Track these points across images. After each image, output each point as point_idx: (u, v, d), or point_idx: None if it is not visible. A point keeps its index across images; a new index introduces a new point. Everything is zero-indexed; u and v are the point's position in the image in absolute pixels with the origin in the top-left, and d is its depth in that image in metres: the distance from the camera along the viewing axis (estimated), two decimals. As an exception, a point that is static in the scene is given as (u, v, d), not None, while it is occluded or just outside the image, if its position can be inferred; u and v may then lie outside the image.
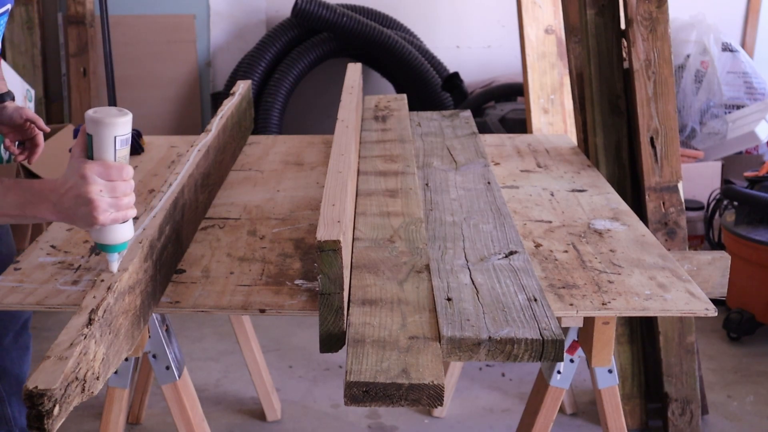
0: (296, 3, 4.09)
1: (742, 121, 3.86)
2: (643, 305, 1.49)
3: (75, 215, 1.19)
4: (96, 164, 1.18)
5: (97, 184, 1.18)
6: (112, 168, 1.19)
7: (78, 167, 1.18)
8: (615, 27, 2.43)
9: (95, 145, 1.19)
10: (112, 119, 1.17)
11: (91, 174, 1.17)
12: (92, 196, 1.17)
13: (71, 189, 1.18)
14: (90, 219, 1.19)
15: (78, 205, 1.18)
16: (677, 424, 2.48)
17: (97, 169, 1.18)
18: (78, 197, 1.18)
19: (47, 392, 1.03)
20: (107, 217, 1.20)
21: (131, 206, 1.23)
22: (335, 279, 1.33)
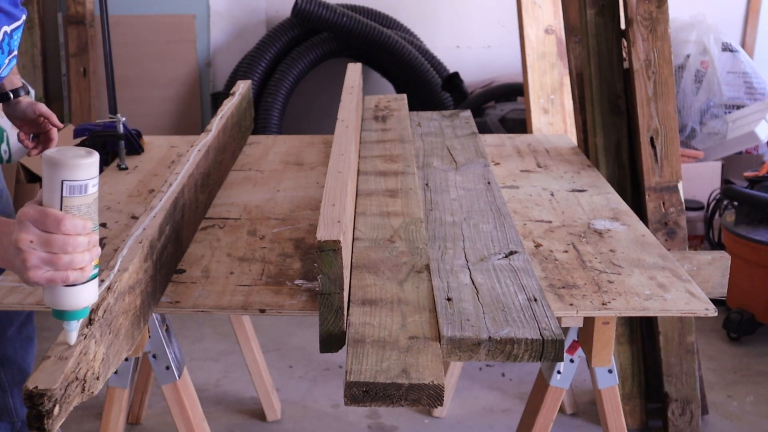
0: (296, 3, 4.09)
1: (742, 121, 3.86)
2: (643, 305, 1.49)
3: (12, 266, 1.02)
4: (32, 209, 0.99)
5: (29, 233, 0.99)
6: (49, 217, 0.98)
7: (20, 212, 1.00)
8: (615, 27, 2.43)
9: (44, 186, 1.00)
10: (62, 160, 0.97)
11: (25, 220, 0.99)
12: (21, 245, 0.99)
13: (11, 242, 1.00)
14: (22, 274, 1.00)
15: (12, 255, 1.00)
16: (677, 424, 2.48)
17: (32, 214, 0.98)
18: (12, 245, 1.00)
19: (47, 392, 1.03)
20: (38, 275, 0.99)
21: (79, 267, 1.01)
22: (335, 279, 1.33)
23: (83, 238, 1.00)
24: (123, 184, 2.14)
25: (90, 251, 1.02)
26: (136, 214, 1.92)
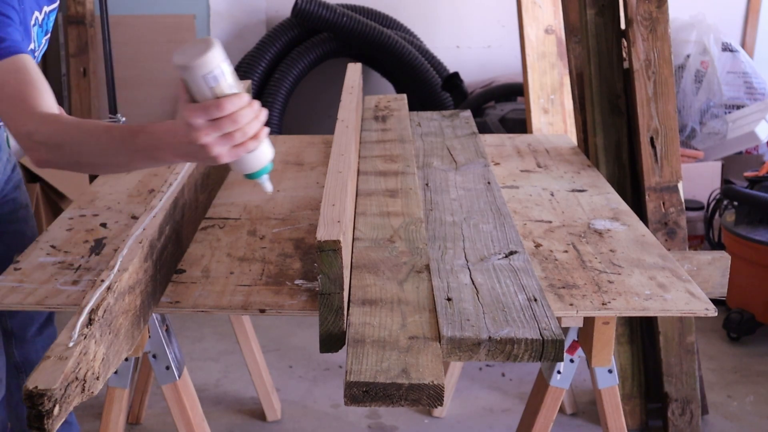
0: (296, 3, 4.08)
1: (742, 121, 3.86)
2: (643, 305, 1.49)
3: (197, 158, 1.20)
4: (195, 108, 1.14)
5: (201, 128, 1.14)
6: (210, 108, 1.14)
7: (181, 114, 1.16)
8: (615, 27, 2.43)
9: (190, 88, 1.16)
10: (193, 61, 1.12)
11: (193, 120, 1.14)
12: (201, 141, 1.15)
13: (183, 136, 1.16)
14: (211, 161, 1.17)
15: (195, 150, 1.17)
16: (677, 424, 2.48)
17: (196, 113, 1.14)
18: (190, 144, 1.16)
19: (47, 392, 1.03)
20: (226, 155, 1.17)
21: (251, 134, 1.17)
22: (335, 279, 1.33)
23: (246, 109, 1.15)
24: (123, 184, 2.14)
25: (258, 117, 1.17)
26: (136, 214, 1.92)
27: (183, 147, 1.18)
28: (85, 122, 1.31)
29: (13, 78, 1.35)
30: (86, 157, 1.28)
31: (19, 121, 1.32)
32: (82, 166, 1.32)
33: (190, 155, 1.19)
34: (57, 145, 1.29)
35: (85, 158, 1.28)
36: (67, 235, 1.80)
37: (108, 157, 1.27)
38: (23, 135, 1.31)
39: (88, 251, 1.71)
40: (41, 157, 1.31)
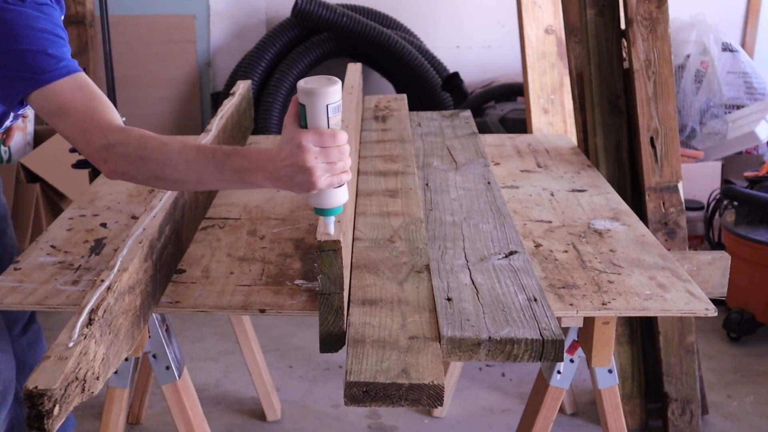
0: (296, 3, 4.08)
1: (742, 121, 3.86)
2: (643, 305, 1.49)
3: (292, 182, 1.24)
4: (310, 133, 1.21)
5: (312, 152, 1.21)
6: (325, 135, 1.22)
7: (293, 136, 1.22)
8: (615, 27, 2.43)
9: (308, 114, 1.22)
10: (323, 89, 1.21)
11: (307, 143, 1.21)
12: (309, 164, 1.21)
13: (287, 158, 1.22)
14: (308, 185, 1.23)
15: (295, 172, 1.23)
16: (677, 424, 2.48)
17: (311, 137, 1.21)
18: (294, 165, 1.22)
19: (47, 392, 1.03)
20: (323, 182, 1.24)
21: (346, 170, 1.26)
22: (335, 279, 1.33)
23: (347, 145, 1.25)
24: (123, 184, 2.14)
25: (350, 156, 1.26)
26: (136, 214, 1.92)
27: (284, 170, 1.24)
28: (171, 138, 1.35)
29: (79, 95, 1.40)
30: (170, 172, 1.32)
31: (94, 136, 1.36)
32: (160, 180, 1.35)
33: (285, 178, 1.24)
34: (141, 158, 1.32)
35: (168, 173, 1.32)
36: (67, 235, 1.80)
37: (193, 174, 1.31)
38: (99, 148, 1.35)
39: (88, 251, 1.71)
40: (118, 169, 1.35)
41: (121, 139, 1.34)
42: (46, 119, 1.43)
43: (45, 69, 1.40)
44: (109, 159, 1.35)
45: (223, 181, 1.30)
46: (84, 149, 1.39)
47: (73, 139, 1.40)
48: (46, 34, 1.45)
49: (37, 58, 1.41)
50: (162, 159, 1.32)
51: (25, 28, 1.43)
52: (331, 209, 1.30)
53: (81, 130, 1.38)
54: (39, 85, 1.40)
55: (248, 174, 1.27)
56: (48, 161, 3.47)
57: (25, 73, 1.40)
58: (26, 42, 1.41)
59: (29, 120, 3.70)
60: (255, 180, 1.27)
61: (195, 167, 1.30)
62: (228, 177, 1.29)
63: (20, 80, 1.41)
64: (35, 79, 1.40)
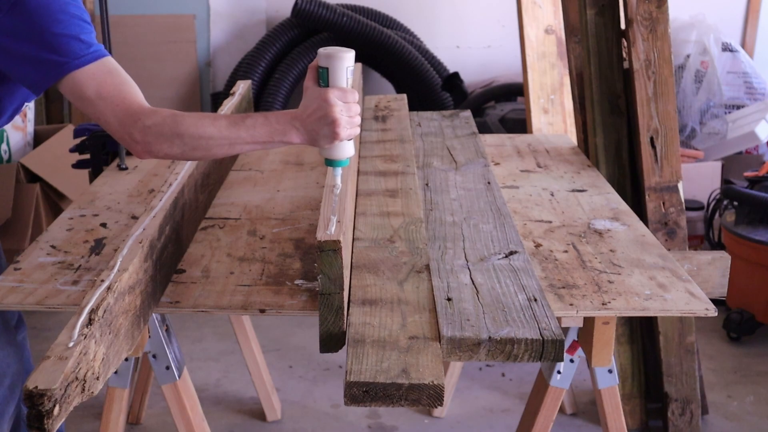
0: (296, 3, 4.09)
1: (742, 121, 3.86)
2: (643, 305, 1.49)
3: (318, 135, 1.40)
4: (336, 90, 1.38)
5: (338, 105, 1.38)
6: (347, 92, 1.39)
7: (319, 94, 1.38)
8: (615, 27, 2.43)
9: (331, 75, 1.39)
10: (344, 54, 1.39)
11: (334, 98, 1.37)
12: (336, 116, 1.37)
13: (315, 112, 1.38)
14: (333, 135, 1.39)
15: (322, 125, 1.39)
16: (677, 424, 2.48)
17: (337, 93, 1.38)
18: (322, 118, 1.38)
19: (47, 392, 1.03)
20: (345, 133, 1.40)
21: (359, 124, 1.42)
22: (335, 279, 1.33)
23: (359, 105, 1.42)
24: (123, 184, 2.14)
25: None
26: (136, 214, 1.92)
27: (312, 123, 1.40)
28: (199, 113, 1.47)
29: (110, 78, 1.47)
30: (204, 143, 1.43)
31: (129, 118, 1.45)
32: (196, 151, 1.45)
33: (312, 132, 1.40)
34: (177, 135, 1.43)
35: (203, 144, 1.43)
36: (67, 235, 1.80)
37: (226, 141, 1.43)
38: (134, 130, 1.44)
39: (88, 251, 1.71)
40: (153, 148, 1.45)
41: (155, 121, 1.43)
42: (78, 103, 1.49)
43: (78, 54, 1.45)
44: (145, 140, 1.44)
45: (254, 143, 1.43)
46: (116, 131, 1.46)
47: (106, 122, 1.46)
48: (77, 20, 1.49)
49: (71, 43, 1.45)
50: (197, 133, 1.42)
51: (59, 13, 1.47)
52: (342, 161, 1.46)
53: (114, 114, 1.45)
54: (72, 69, 1.45)
55: (278, 134, 1.42)
56: (48, 161, 3.47)
57: (59, 57, 1.45)
58: (61, 27, 1.45)
59: (29, 120, 3.70)
60: (284, 138, 1.42)
61: (228, 135, 1.42)
62: (259, 139, 1.42)
63: (55, 64, 1.45)
64: (69, 63, 1.45)
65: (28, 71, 1.48)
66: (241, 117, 1.44)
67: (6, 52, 1.47)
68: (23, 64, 1.47)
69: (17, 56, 1.47)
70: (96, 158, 2.28)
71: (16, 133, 3.59)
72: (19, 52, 1.46)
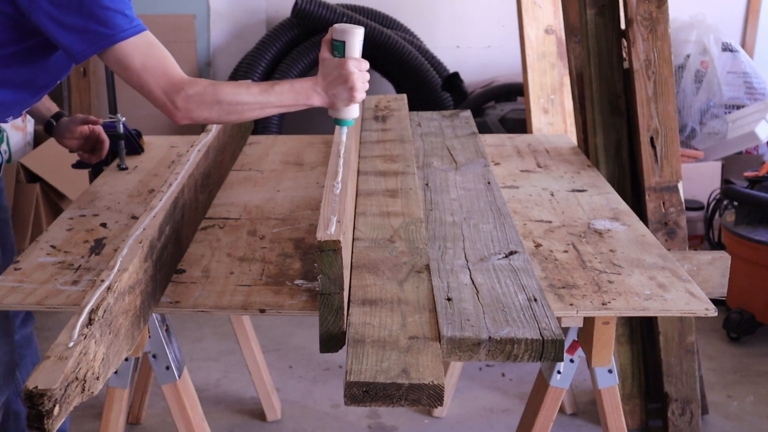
0: (296, 3, 4.08)
1: (742, 121, 3.86)
2: (643, 305, 1.49)
3: (337, 98, 1.63)
4: (352, 60, 1.62)
5: (356, 73, 1.61)
6: (362, 62, 1.63)
7: (339, 63, 1.62)
8: (615, 27, 2.43)
9: (347, 47, 1.63)
10: (357, 30, 1.63)
11: (353, 67, 1.61)
12: (354, 82, 1.61)
13: (336, 79, 1.62)
14: (350, 99, 1.63)
15: (342, 90, 1.62)
16: (677, 424, 2.48)
17: (354, 63, 1.62)
18: (342, 84, 1.61)
19: (47, 392, 1.03)
20: (359, 96, 1.63)
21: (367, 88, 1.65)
22: (335, 279, 1.33)
23: None
24: (123, 184, 2.14)
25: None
26: (136, 214, 1.92)
27: (330, 88, 1.62)
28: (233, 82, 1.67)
29: (152, 51, 1.63)
30: (240, 108, 1.62)
31: (171, 88, 1.61)
32: (232, 115, 1.64)
33: (332, 96, 1.63)
34: (217, 102, 1.61)
35: (239, 109, 1.62)
36: (67, 235, 1.80)
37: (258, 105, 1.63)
38: (177, 98, 1.60)
39: (88, 251, 1.71)
40: (194, 114, 1.62)
41: (197, 90, 1.61)
42: (122, 73, 1.63)
43: (123, 27, 1.59)
44: (186, 107, 1.61)
45: (281, 107, 1.65)
46: (158, 99, 1.62)
47: (149, 90, 1.63)
48: None
49: (117, 17, 1.58)
50: (234, 100, 1.61)
51: None
52: (349, 120, 1.70)
53: (158, 84, 1.62)
54: (118, 41, 1.58)
55: (302, 98, 1.64)
56: (48, 161, 3.47)
57: (106, 29, 1.57)
58: (108, 1, 1.57)
59: (29, 120, 3.70)
60: (307, 101, 1.64)
61: (260, 100, 1.62)
62: (286, 103, 1.64)
63: (101, 35, 1.58)
64: (115, 36, 1.58)
65: (74, 40, 1.58)
66: (270, 84, 1.64)
67: (55, 21, 1.57)
68: (71, 33, 1.58)
69: (66, 26, 1.57)
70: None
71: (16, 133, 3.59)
72: (67, 22, 1.57)
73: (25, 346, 2.10)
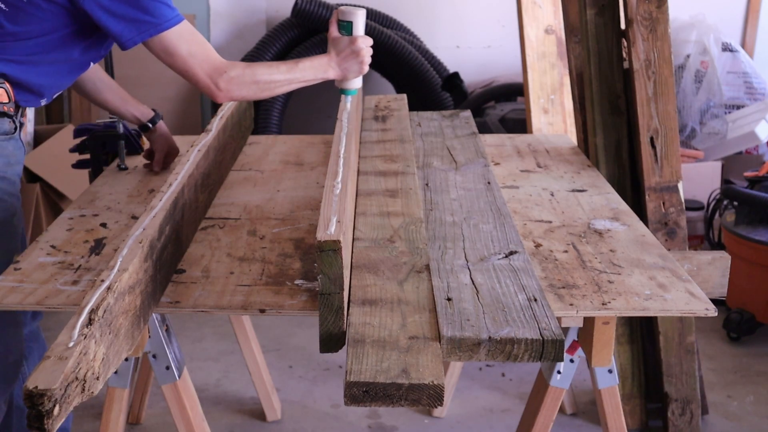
0: (296, 3, 4.08)
1: (742, 121, 3.86)
2: (643, 305, 1.49)
3: (349, 70, 1.92)
4: (362, 38, 1.90)
5: (364, 49, 1.90)
6: (367, 39, 1.91)
7: (350, 41, 1.90)
8: (615, 27, 2.43)
9: (355, 27, 1.90)
10: (362, 11, 1.89)
11: (362, 44, 1.90)
12: (363, 57, 1.90)
13: (349, 55, 1.90)
14: (359, 70, 1.92)
15: (353, 64, 1.91)
16: (677, 424, 2.48)
17: (363, 40, 1.90)
18: (354, 59, 1.90)
19: (47, 392, 1.03)
20: (366, 69, 1.93)
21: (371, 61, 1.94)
22: (335, 279, 1.33)
23: None
24: (123, 184, 2.14)
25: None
26: (136, 214, 1.92)
27: (344, 63, 1.90)
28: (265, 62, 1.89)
29: (194, 38, 1.81)
30: (273, 86, 1.87)
31: (215, 72, 1.80)
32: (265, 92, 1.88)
33: (345, 70, 1.92)
34: (255, 82, 1.84)
35: (272, 86, 1.87)
36: (67, 235, 1.80)
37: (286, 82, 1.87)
38: (220, 80, 1.80)
39: (88, 251, 1.71)
40: (234, 94, 1.83)
41: (237, 72, 1.82)
42: (168, 59, 1.80)
43: (168, 17, 1.75)
44: (228, 88, 1.81)
45: (303, 81, 1.90)
46: (201, 81, 1.81)
47: (194, 74, 1.80)
48: None
49: (161, 7, 1.75)
50: (269, 79, 1.85)
51: None
52: (355, 90, 1.99)
53: (202, 68, 1.80)
54: (164, 29, 1.75)
55: (320, 73, 1.90)
56: (48, 161, 3.46)
57: (153, 18, 1.74)
58: None
59: (29, 120, 3.70)
60: (324, 75, 1.91)
61: (288, 78, 1.87)
62: (307, 78, 1.90)
63: (149, 24, 1.74)
64: (162, 25, 1.75)
65: (123, 28, 1.74)
66: (294, 62, 1.89)
67: (106, 10, 1.73)
68: (121, 21, 1.74)
69: (117, 15, 1.73)
70: (96, 158, 2.28)
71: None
72: (118, 12, 1.73)
73: (33, 339, 2.11)
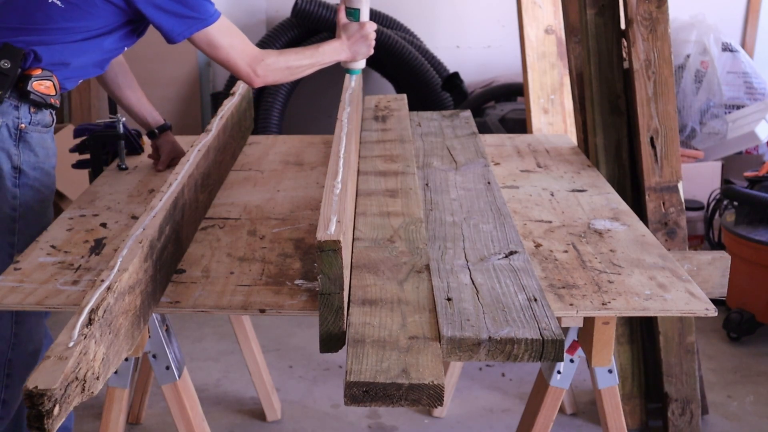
0: (296, 3, 4.08)
1: (742, 121, 3.86)
2: (643, 305, 1.49)
3: (358, 52, 2.21)
4: (369, 23, 2.19)
5: (372, 33, 2.19)
6: (373, 24, 2.20)
7: (360, 26, 2.19)
8: (615, 27, 2.43)
9: (362, 12, 2.18)
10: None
11: (370, 29, 2.19)
12: (372, 40, 2.20)
13: (359, 39, 2.19)
14: (367, 52, 2.22)
15: (363, 46, 2.20)
16: (677, 424, 2.48)
17: (369, 26, 2.19)
18: (364, 42, 2.19)
19: (47, 392, 1.03)
20: (372, 51, 2.22)
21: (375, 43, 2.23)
22: (335, 279, 1.33)
23: None
24: (123, 184, 2.14)
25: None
26: (136, 214, 1.92)
27: (357, 45, 2.19)
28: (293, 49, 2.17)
29: (233, 31, 2.01)
30: (301, 70, 2.11)
31: (254, 61, 2.02)
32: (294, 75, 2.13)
33: (355, 52, 2.20)
34: (287, 68, 2.08)
35: (300, 70, 2.11)
36: (67, 235, 1.80)
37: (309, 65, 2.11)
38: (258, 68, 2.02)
39: (88, 251, 1.71)
40: (269, 79, 2.07)
41: (272, 60, 2.05)
42: (212, 51, 1.99)
43: (210, 13, 1.95)
44: (264, 74, 2.04)
45: (322, 64, 2.15)
46: (241, 70, 2.01)
47: (235, 64, 2.01)
48: None
49: (206, 4, 1.94)
50: (298, 64, 2.09)
51: None
52: (359, 69, 2.28)
53: (242, 58, 2.01)
54: (209, 24, 1.94)
55: (335, 56, 2.17)
56: (48, 161, 3.45)
57: (198, 14, 1.93)
58: None
59: (29, 120, 3.69)
60: (337, 57, 2.18)
61: (312, 62, 2.11)
62: (325, 60, 2.14)
63: (196, 20, 1.93)
64: (206, 21, 1.94)
65: (173, 24, 1.92)
66: (314, 47, 2.13)
67: (157, 7, 1.90)
68: (171, 18, 1.92)
69: (168, 12, 1.91)
70: (96, 158, 2.28)
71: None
72: (168, 8, 1.91)
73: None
